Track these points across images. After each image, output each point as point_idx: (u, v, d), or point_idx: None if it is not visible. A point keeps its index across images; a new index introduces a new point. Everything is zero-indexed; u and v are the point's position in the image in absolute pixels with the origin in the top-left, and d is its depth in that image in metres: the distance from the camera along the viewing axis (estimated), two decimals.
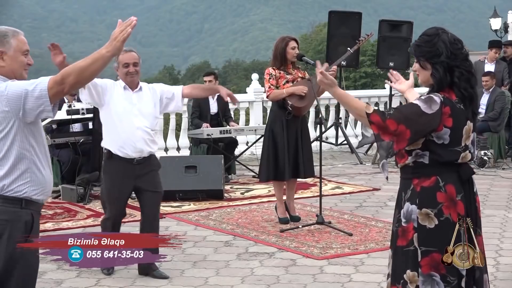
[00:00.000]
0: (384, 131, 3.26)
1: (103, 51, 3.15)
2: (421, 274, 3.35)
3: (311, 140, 7.67)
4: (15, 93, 3.14)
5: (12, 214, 3.24)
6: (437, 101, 3.29)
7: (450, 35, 3.38)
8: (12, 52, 3.29)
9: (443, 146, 3.35)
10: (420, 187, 3.37)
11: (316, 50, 51.14)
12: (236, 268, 5.72)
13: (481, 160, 10.45)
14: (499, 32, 18.61)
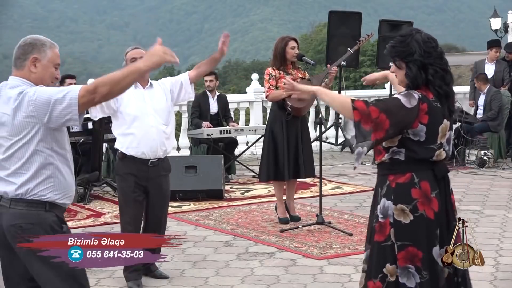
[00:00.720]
0: (366, 118, 3.33)
1: (140, 65, 3.17)
2: (399, 267, 3.44)
3: (311, 140, 7.66)
4: (43, 99, 3.15)
5: (37, 217, 3.26)
6: (415, 97, 3.38)
7: (423, 34, 3.47)
8: (46, 61, 3.33)
9: (418, 143, 3.42)
10: (396, 183, 3.46)
11: (316, 50, 51.13)
12: (236, 268, 5.72)
13: (481, 160, 10.45)
14: (499, 32, 18.61)
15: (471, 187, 9.07)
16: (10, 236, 3.23)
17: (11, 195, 3.24)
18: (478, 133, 10.90)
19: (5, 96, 3.24)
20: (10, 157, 3.24)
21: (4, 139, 3.25)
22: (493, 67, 11.70)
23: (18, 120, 3.19)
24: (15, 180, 3.24)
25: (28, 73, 3.30)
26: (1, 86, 3.30)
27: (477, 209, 7.82)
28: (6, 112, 3.21)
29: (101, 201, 8.26)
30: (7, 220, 3.24)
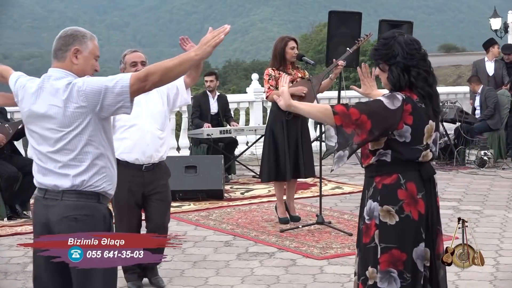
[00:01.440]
0: (347, 121, 3.33)
1: (191, 54, 3.15)
2: (379, 270, 3.42)
3: (311, 140, 7.66)
4: (94, 88, 3.13)
5: (92, 209, 3.26)
6: (399, 98, 3.38)
7: (406, 37, 3.49)
8: (87, 53, 3.30)
9: (404, 144, 3.41)
10: (382, 185, 3.45)
11: (316, 50, 51.12)
12: (236, 268, 5.72)
13: (481, 160, 10.45)
14: (499, 32, 18.59)
15: (471, 187, 9.07)
16: (62, 228, 3.18)
17: (64, 187, 3.21)
18: (478, 133, 10.90)
19: (51, 88, 3.20)
20: (61, 149, 3.20)
21: (52, 131, 3.20)
22: (493, 65, 11.71)
23: (69, 111, 3.15)
24: (68, 172, 3.21)
25: (70, 65, 3.26)
26: (43, 78, 3.26)
27: (477, 209, 7.81)
28: (56, 104, 3.17)
29: None
30: (58, 212, 3.20)
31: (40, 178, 3.28)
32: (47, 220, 3.23)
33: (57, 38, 3.30)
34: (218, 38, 3.16)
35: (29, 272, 5.62)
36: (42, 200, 3.26)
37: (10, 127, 7.53)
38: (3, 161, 7.41)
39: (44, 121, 3.21)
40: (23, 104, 3.28)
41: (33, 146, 3.29)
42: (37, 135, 3.25)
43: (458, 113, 10.96)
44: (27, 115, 3.27)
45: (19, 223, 7.22)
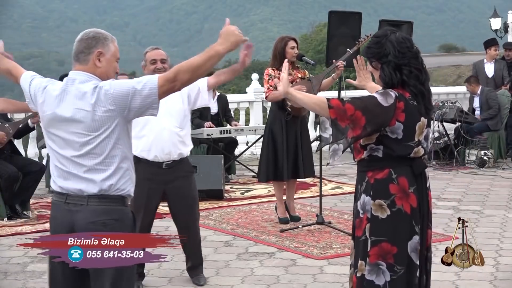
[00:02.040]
0: (342, 115, 3.37)
1: (218, 48, 3.11)
2: (368, 263, 3.48)
3: (311, 140, 7.66)
4: (122, 91, 3.10)
5: (120, 213, 3.23)
6: (392, 96, 3.42)
7: (398, 35, 3.52)
8: (109, 56, 3.26)
9: (396, 141, 3.46)
10: (374, 179, 3.51)
11: (316, 50, 51.09)
12: (236, 268, 5.72)
13: (481, 160, 10.45)
14: (499, 32, 18.58)
15: (471, 187, 9.07)
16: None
17: (90, 192, 3.16)
18: (478, 133, 10.90)
19: (77, 92, 3.15)
20: (87, 153, 3.16)
21: (78, 135, 3.15)
22: (493, 66, 11.70)
23: (98, 115, 3.11)
24: (94, 177, 3.17)
25: (93, 68, 3.22)
26: (67, 81, 3.20)
27: (477, 209, 7.81)
28: (83, 107, 3.12)
29: None
30: (85, 217, 3.16)
31: (61, 182, 3.22)
32: (72, 225, 3.18)
33: (78, 40, 3.25)
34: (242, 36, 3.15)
35: (29, 272, 5.63)
36: (64, 205, 3.21)
37: (10, 126, 7.53)
38: (3, 161, 7.41)
39: (69, 125, 3.16)
40: (44, 107, 3.22)
41: (54, 150, 3.24)
42: (59, 139, 3.20)
43: (458, 113, 10.95)
44: (49, 118, 3.21)
45: (19, 223, 7.22)
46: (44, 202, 8.24)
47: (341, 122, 3.38)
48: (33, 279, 5.47)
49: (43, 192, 8.84)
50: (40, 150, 10.10)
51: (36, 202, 8.13)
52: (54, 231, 3.27)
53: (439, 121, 11.05)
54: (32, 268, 5.74)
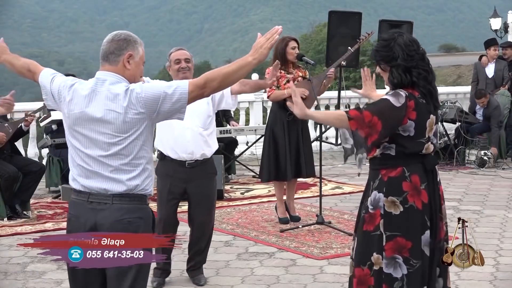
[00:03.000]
0: (361, 124, 3.50)
1: (249, 59, 3.21)
2: (385, 257, 3.61)
3: (311, 140, 7.66)
4: (153, 95, 3.15)
5: (144, 211, 3.28)
6: (402, 95, 3.56)
7: (405, 37, 3.64)
8: (138, 59, 3.30)
9: (408, 138, 3.60)
10: (387, 177, 3.64)
11: (316, 50, 51.11)
12: (236, 268, 5.72)
13: (481, 160, 10.45)
14: (499, 32, 18.59)
15: (471, 187, 9.07)
16: (115, 232, 3.16)
17: (116, 191, 3.19)
18: (478, 133, 10.89)
19: (109, 93, 3.18)
20: (115, 154, 3.19)
21: (106, 136, 3.18)
22: (493, 67, 11.69)
23: (129, 117, 3.15)
24: (121, 177, 3.20)
25: (122, 69, 3.25)
26: (97, 82, 3.23)
27: (477, 209, 7.82)
28: (115, 109, 3.16)
29: None
30: (110, 216, 3.18)
31: (84, 181, 3.23)
32: (95, 223, 3.19)
33: (109, 41, 3.28)
34: (273, 39, 3.26)
35: (29, 272, 5.63)
36: (86, 203, 3.22)
37: (10, 126, 7.53)
38: (3, 161, 7.41)
39: (98, 125, 3.18)
40: (72, 105, 3.23)
41: (77, 148, 3.25)
42: (85, 137, 3.22)
43: (458, 113, 10.95)
44: (76, 117, 3.22)
45: (19, 223, 7.22)
46: (44, 202, 8.25)
47: (361, 131, 3.51)
48: (33, 279, 5.47)
49: (43, 192, 8.84)
50: (40, 150, 10.10)
51: (36, 202, 8.13)
52: (75, 230, 3.26)
53: (439, 121, 11.04)
54: (32, 268, 5.74)
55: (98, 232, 3.17)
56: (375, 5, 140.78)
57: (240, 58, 3.24)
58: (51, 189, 8.92)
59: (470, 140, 10.80)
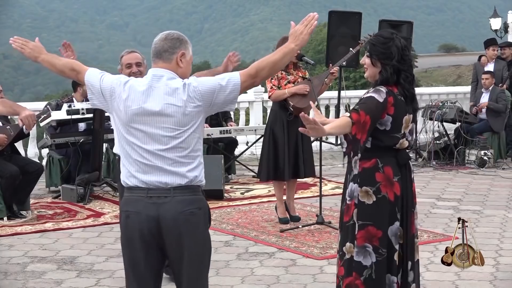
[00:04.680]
0: (358, 126, 3.66)
1: (291, 46, 3.35)
2: (356, 245, 3.77)
3: (311, 140, 7.66)
4: (209, 87, 3.27)
5: (202, 202, 3.40)
6: (383, 91, 3.76)
7: (402, 41, 3.85)
8: (188, 58, 3.42)
9: (384, 132, 3.77)
10: (362, 168, 3.81)
11: (316, 50, 51.09)
12: (236, 268, 5.71)
13: (481, 160, 10.45)
14: (499, 32, 18.57)
15: (471, 187, 9.07)
16: (178, 223, 3.25)
17: (176, 183, 3.28)
18: (478, 133, 10.89)
19: (167, 87, 3.28)
20: (175, 147, 3.28)
21: (166, 129, 3.27)
22: (492, 66, 11.69)
23: (188, 110, 3.26)
24: (180, 169, 3.29)
25: (175, 67, 3.36)
26: (153, 78, 3.32)
27: (477, 209, 7.81)
28: (175, 103, 3.26)
29: (101, 201, 8.26)
30: (173, 208, 3.26)
31: (143, 176, 3.29)
32: (157, 217, 3.26)
33: (162, 39, 3.38)
34: (311, 25, 3.36)
35: (29, 272, 5.63)
36: (146, 198, 3.28)
37: (11, 128, 7.54)
38: (3, 160, 7.41)
39: (158, 119, 3.27)
40: (129, 102, 3.29)
41: (135, 144, 3.30)
42: (143, 133, 3.29)
43: (458, 113, 10.95)
44: (134, 113, 3.29)
45: (19, 223, 7.21)
46: (44, 202, 8.25)
47: (358, 134, 3.67)
48: (33, 279, 5.47)
49: (43, 192, 8.84)
50: (40, 150, 10.10)
51: (36, 202, 8.13)
52: (137, 225, 3.29)
53: (439, 121, 11.05)
54: (32, 268, 5.74)
55: (160, 224, 3.26)
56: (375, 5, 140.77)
57: (282, 46, 3.37)
58: (51, 189, 8.92)
59: (470, 140, 10.80)
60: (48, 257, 6.04)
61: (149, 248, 3.31)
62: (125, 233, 3.35)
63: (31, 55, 3.60)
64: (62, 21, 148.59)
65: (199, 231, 3.32)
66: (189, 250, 3.29)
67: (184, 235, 3.27)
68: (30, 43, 3.63)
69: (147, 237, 3.28)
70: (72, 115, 8.36)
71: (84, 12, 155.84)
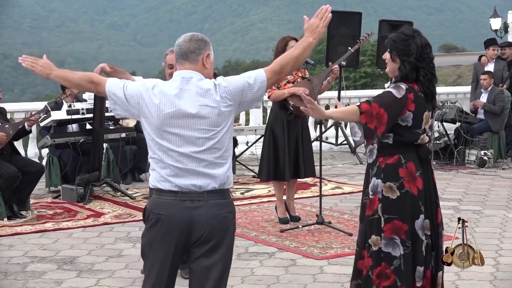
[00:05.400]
0: (370, 116, 3.79)
1: (310, 40, 3.43)
2: (384, 238, 3.89)
3: (311, 140, 7.66)
4: (238, 86, 3.32)
5: (232, 206, 3.40)
6: (403, 88, 3.87)
7: (423, 39, 3.96)
8: (212, 59, 3.45)
9: (406, 128, 3.88)
10: (385, 164, 3.92)
11: (316, 50, 50.92)
12: (236, 268, 5.71)
13: (481, 160, 10.45)
14: (499, 32, 18.57)
15: (471, 187, 9.07)
16: (211, 227, 3.25)
17: (210, 187, 3.27)
18: (478, 133, 10.89)
19: (199, 89, 3.29)
20: (210, 148, 3.29)
21: (201, 131, 3.28)
22: (492, 66, 11.68)
23: (222, 110, 3.28)
24: (215, 171, 3.29)
25: (201, 68, 3.38)
26: (181, 80, 3.32)
27: (477, 209, 7.81)
28: (209, 104, 3.27)
29: (101, 201, 8.26)
30: (207, 213, 3.26)
31: (177, 180, 3.27)
32: (191, 222, 3.26)
33: (187, 40, 3.40)
34: (325, 18, 3.41)
35: (29, 272, 5.63)
36: (179, 202, 3.26)
37: (10, 127, 7.54)
38: (3, 161, 7.41)
39: (193, 121, 3.26)
40: (162, 106, 3.27)
41: (169, 148, 3.28)
42: (176, 137, 3.27)
43: (458, 113, 10.95)
44: (168, 116, 3.26)
45: (19, 223, 7.22)
46: (44, 202, 8.25)
47: (370, 124, 3.79)
48: (33, 279, 5.47)
49: (43, 192, 8.84)
50: (40, 150, 10.10)
51: (36, 202, 8.13)
52: (169, 229, 3.28)
53: (439, 121, 11.05)
54: (32, 268, 5.74)
55: (192, 229, 3.26)
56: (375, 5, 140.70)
57: (300, 40, 3.46)
58: (51, 189, 8.91)
59: (470, 140, 10.79)
60: (48, 257, 6.04)
61: (176, 251, 3.31)
62: (155, 235, 3.31)
63: (43, 72, 3.53)
64: (62, 21, 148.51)
65: (230, 235, 3.35)
66: (219, 253, 3.32)
67: (215, 239, 3.28)
68: (40, 61, 3.54)
69: (177, 241, 3.28)
70: (72, 115, 8.36)
71: (84, 12, 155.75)
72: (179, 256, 3.35)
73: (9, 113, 9.11)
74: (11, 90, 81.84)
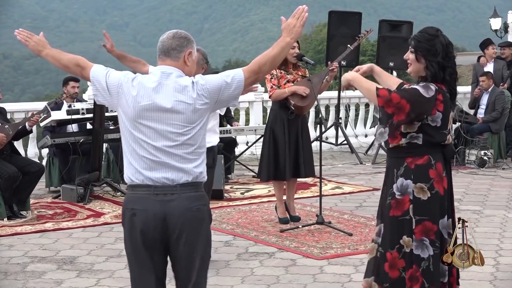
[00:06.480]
0: (388, 103, 3.79)
1: (287, 39, 3.44)
2: (415, 239, 3.87)
3: (311, 140, 7.66)
4: (215, 85, 3.35)
5: (206, 199, 3.44)
6: (432, 89, 3.83)
7: (446, 38, 3.95)
8: (194, 57, 3.48)
9: (435, 129, 3.87)
10: (415, 165, 3.89)
11: (316, 50, 51.11)
12: (236, 268, 5.71)
13: (481, 160, 10.45)
14: (499, 32, 18.59)
15: (471, 187, 9.07)
16: (184, 220, 3.28)
17: (182, 180, 3.31)
18: (478, 133, 10.89)
19: (177, 85, 3.33)
20: (183, 143, 3.32)
21: (175, 126, 3.31)
22: (492, 66, 11.68)
23: (197, 107, 3.31)
24: (187, 166, 3.32)
25: (182, 65, 3.41)
26: (162, 75, 3.36)
27: (477, 209, 7.81)
28: (185, 100, 3.31)
29: (101, 201, 8.26)
30: (180, 205, 3.29)
31: (149, 173, 3.31)
32: (164, 214, 3.28)
33: (170, 37, 3.44)
34: (302, 17, 3.43)
35: (29, 272, 5.63)
36: (152, 196, 3.29)
37: (10, 128, 7.54)
38: (3, 161, 7.41)
39: (168, 116, 3.30)
40: (138, 98, 3.32)
41: (143, 140, 3.32)
42: (151, 130, 3.31)
43: (458, 113, 10.94)
44: (143, 109, 3.31)
45: (19, 223, 7.21)
46: (44, 202, 8.25)
47: (387, 109, 3.78)
48: (33, 279, 5.47)
49: (43, 192, 8.84)
50: (40, 150, 10.10)
51: (36, 202, 8.13)
52: (143, 223, 3.30)
53: None
54: (32, 268, 5.74)
55: (167, 222, 3.28)
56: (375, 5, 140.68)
57: (278, 40, 3.45)
58: (51, 189, 8.91)
59: (470, 140, 10.79)
60: (48, 257, 6.04)
61: (154, 246, 3.32)
62: (130, 231, 3.34)
63: (35, 48, 3.61)
64: (62, 21, 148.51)
65: (204, 227, 3.37)
66: (194, 245, 3.33)
67: (191, 231, 3.30)
68: (35, 37, 3.63)
69: (153, 235, 3.29)
70: (72, 115, 8.36)
71: (84, 12, 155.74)
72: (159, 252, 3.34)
73: (9, 113, 9.11)
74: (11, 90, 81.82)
